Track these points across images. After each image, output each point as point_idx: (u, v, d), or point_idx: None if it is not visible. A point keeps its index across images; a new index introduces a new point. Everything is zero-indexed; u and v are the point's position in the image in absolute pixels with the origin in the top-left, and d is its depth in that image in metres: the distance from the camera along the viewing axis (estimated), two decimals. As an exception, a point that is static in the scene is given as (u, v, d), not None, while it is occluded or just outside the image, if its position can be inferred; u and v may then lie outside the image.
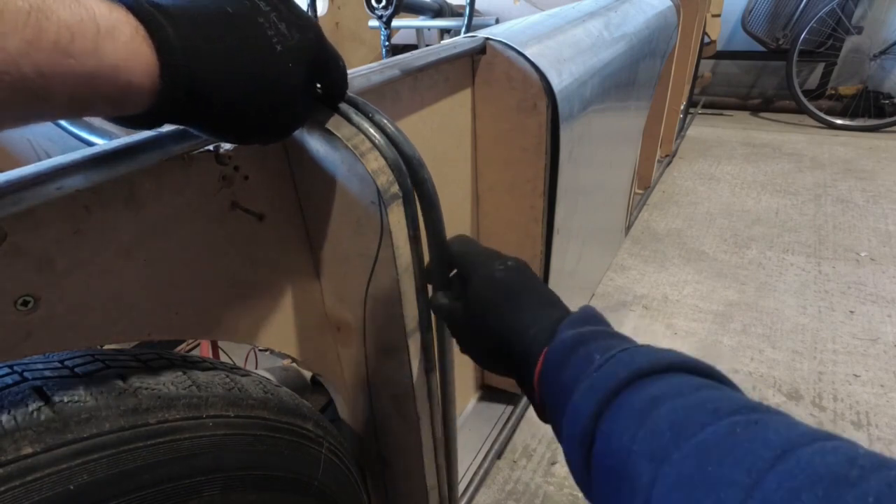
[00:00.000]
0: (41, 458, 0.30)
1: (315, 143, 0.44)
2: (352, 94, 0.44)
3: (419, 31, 1.78)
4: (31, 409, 0.31)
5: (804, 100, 2.91)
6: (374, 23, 1.33)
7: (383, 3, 1.26)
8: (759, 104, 3.32)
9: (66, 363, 0.36)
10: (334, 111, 0.43)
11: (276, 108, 0.35)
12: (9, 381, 0.33)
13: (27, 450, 0.29)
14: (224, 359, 1.05)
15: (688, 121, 2.77)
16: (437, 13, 1.57)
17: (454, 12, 1.60)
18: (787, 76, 2.92)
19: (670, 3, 1.45)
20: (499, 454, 1.09)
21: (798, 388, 1.26)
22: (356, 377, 0.60)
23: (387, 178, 0.44)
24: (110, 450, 0.33)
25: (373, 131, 0.44)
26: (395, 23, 1.32)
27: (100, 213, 0.35)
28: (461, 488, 0.93)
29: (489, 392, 1.15)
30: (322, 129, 0.43)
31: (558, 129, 0.78)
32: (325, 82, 0.41)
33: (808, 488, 0.19)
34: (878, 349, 1.36)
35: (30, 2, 0.22)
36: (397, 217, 0.45)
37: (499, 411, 1.10)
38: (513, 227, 0.89)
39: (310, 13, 1.42)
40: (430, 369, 0.57)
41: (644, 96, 1.34)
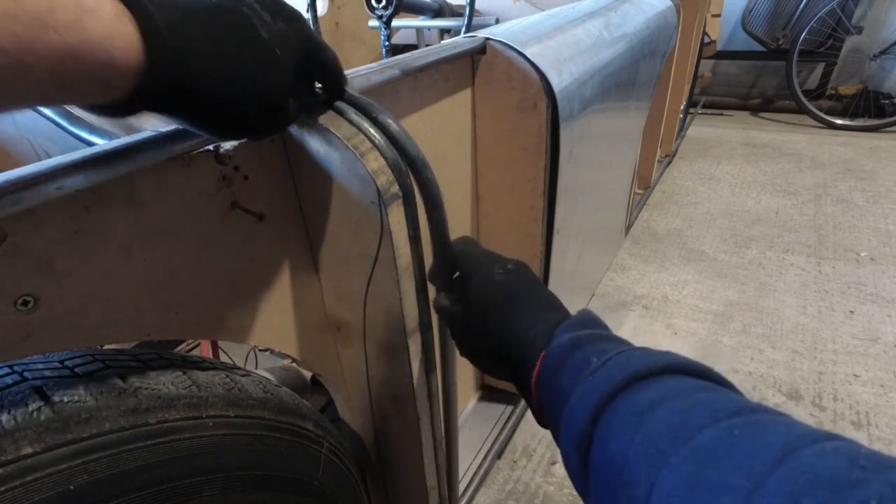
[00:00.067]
0: (41, 458, 0.30)
1: (315, 143, 0.44)
2: (354, 93, 0.44)
3: (419, 31, 1.78)
4: (31, 409, 0.31)
5: (804, 100, 2.91)
6: (374, 23, 1.33)
7: (383, 3, 1.26)
8: (759, 104, 3.32)
9: (66, 363, 0.36)
10: (334, 110, 0.43)
11: (264, 94, 0.34)
12: (9, 381, 0.33)
13: (27, 450, 0.29)
14: (224, 359, 1.05)
15: (688, 121, 2.77)
16: (437, 13, 1.57)
17: (454, 12, 1.60)
18: (787, 76, 2.92)
19: (670, 3, 1.45)
20: (499, 454, 1.09)
21: (798, 388, 1.26)
22: (356, 377, 0.60)
23: (387, 178, 0.44)
24: (110, 450, 0.33)
25: (373, 131, 0.44)
26: (395, 23, 1.32)
27: (100, 213, 0.35)
28: (461, 488, 0.93)
29: (489, 392, 1.15)
30: (322, 128, 0.43)
31: (558, 129, 0.78)
32: (325, 82, 0.41)
33: (809, 492, 0.19)
34: (878, 349, 1.36)
35: None
36: (397, 217, 0.45)
37: (499, 411, 1.10)
38: (513, 227, 0.89)
39: (310, 13, 1.42)
40: (430, 369, 0.57)
41: (644, 96, 1.34)
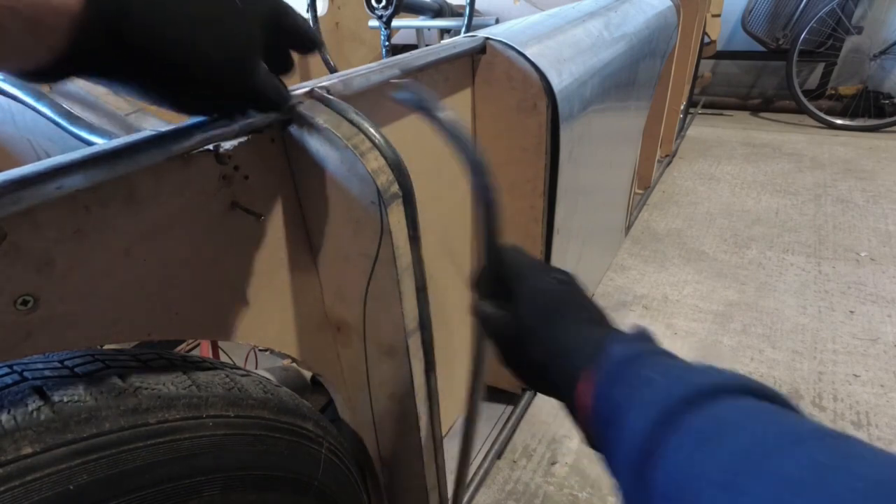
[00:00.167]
0: (41, 458, 0.30)
1: (315, 143, 0.44)
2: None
3: (419, 31, 1.78)
4: (31, 409, 0.31)
5: (804, 100, 2.91)
6: (374, 23, 1.33)
7: (383, 3, 1.26)
8: (759, 104, 3.32)
9: (66, 363, 0.36)
10: (333, 109, 0.43)
11: (224, 46, 0.30)
12: (9, 381, 0.33)
13: (27, 450, 0.29)
14: (224, 359, 1.05)
15: (688, 121, 2.77)
16: (437, 13, 1.57)
17: (454, 12, 1.60)
18: (787, 76, 2.92)
19: (670, 3, 1.45)
20: (499, 454, 1.09)
21: (798, 388, 1.26)
22: (356, 377, 0.60)
23: (387, 178, 0.44)
24: (110, 450, 0.33)
25: (373, 131, 0.44)
26: (395, 23, 1.32)
27: (100, 213, 0.35)
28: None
29: (489, 392, 1.15)
30: (322, 128, 0.43)
31: (558, 129, 0.78)
32: (298, 42, 0.38)
33: None
34: (878, 349, 1.36)
35: None
36: (397, 217, 0.45)
37: (499, 411, 1.11)
38: (513, 227, 0.89)
39: (310, 13, 1.42)
40: (430, 369, 0.57)
41: (644, 96, 1.34)
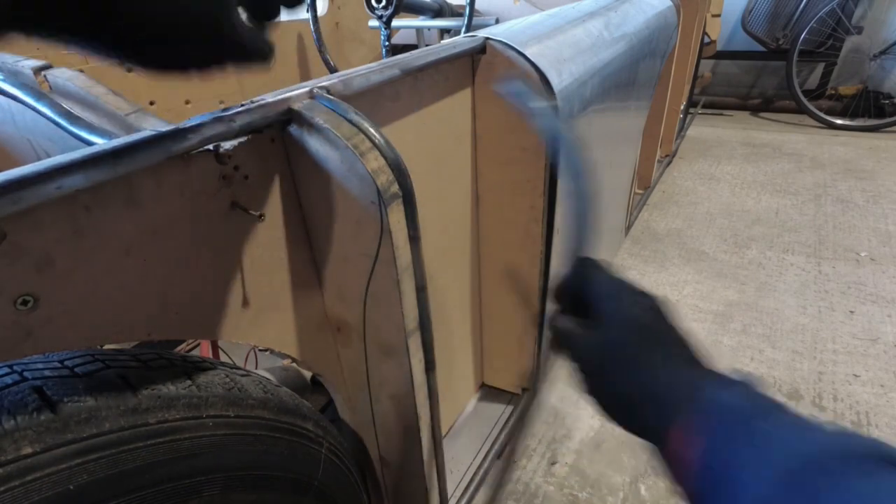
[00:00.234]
0: (41, 458, 0.30)
1: (315, 143, 0.44)
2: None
3: (419, 31, 1.78)
4: (31, 409, 0.31)
5: (804, 100, 2.91)
6: (374, 23, 1.33)
7: (383, 3, 1.26)
8: (759, 104, 3.32)
9: (66, 363, 0.36)
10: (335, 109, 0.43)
11: None
12: (9, 381, 0.33)
13: (27, 450, 0.29)
14: (224, 359, 1.05)
15: (688, 121, 2.77)
16: (437, 13, 1.57)
17: (454, 12, 1.60)
18: (787, 76, 2.92)
19: (670, 3, 1.45)
20: (499, 454, 1.09)
21: (798, 388, 1.26)
22: (356, 377, 0.60)
23: (387, 178, 0.44)
24: (110, 450, 0.33)
25: (373, 131, 0.44)
26: (395, 23, 1.32)
27: (100, 213, 0.35)
28: (461, 488, 0.93)
29: (489, 392, 1.15)
30: (322, 128, 0.43)
31: (558, 129, 0.78)
32: None
33: None
34: (878, 349, 1.36)
35: None
36: (397, 217, 0.45)
37: (499, 411, 1.10)
38: (513, 227, 0.89)
39: (310, 13, 1.42)
40: (430, 369, 0.57)
41: (644, 96, 1.34)
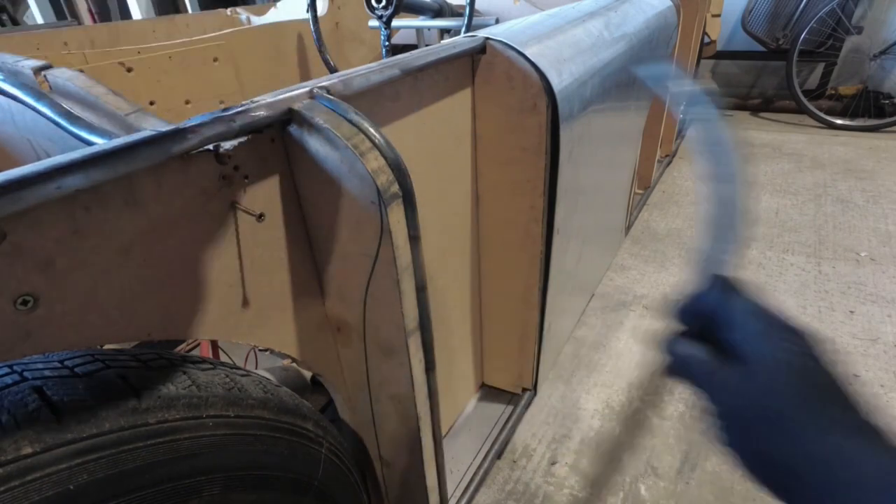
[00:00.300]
0: (41, 458, 0.30)
1: (315, 143, 0.44)
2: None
3: (419, 31, 1.78)
4: (31, 409, 0.31)
5: (804, 100, 2.91)
6: (374, 23, 1.33)
7: (383, 3, 1.26)
8: (759, 104, 3.32)
9: (66, 363, 0.36)
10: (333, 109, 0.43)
11: None
12: (9, 381, 0.33)
13: (27, 450, 0.29)
14: (224, 359, 1.05)
15: (688, 121, 2.77)
16: (437, 13, 1.57)
17: (454, 12, 1.60)
18: (787, 76, 2.92)
19: (670, 3, 1.45)
20: (499, 454, 1.09)
21: (798, 388, 1.25)
22: (356, 377, 0.60)
23: (387, 178, 0.44)
24: (110, 450, 0.33)
25: (373, 131, 0.44)
26: (395, 23, 1.32)
27: (100, 213, 0.35)
28: (461, 488, 0.93)
29: (489, 392, 1.15)
30: (322, 128, 0.43)
31: (558, 129, 0.78)
32: None
33: None
34: (878, 349, 1.35)
35: None
36: (397, 217, 0.45)
37: (499, 411, 1.10)
38: (513, 227, 0.89)
39: (310, 13, 1.42)
40: (430, 369, 0.57)
41: (644, 96, 1.34)
